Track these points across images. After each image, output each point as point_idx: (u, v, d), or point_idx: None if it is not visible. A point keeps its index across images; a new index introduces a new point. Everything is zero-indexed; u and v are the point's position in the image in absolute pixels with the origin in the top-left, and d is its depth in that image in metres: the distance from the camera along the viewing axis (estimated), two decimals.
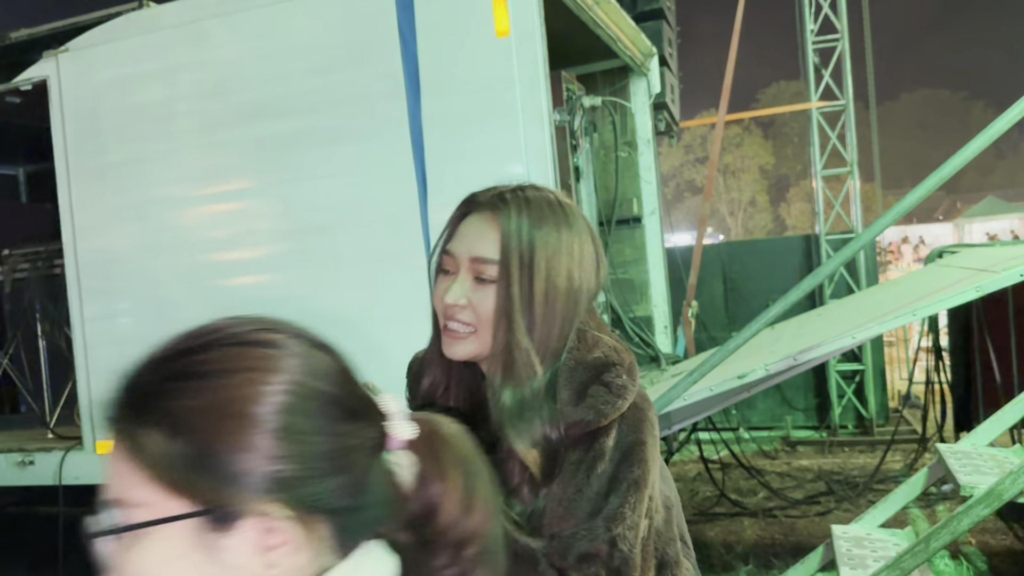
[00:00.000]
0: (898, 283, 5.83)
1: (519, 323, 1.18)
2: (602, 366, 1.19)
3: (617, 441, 1.16)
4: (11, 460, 4.81)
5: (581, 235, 1.23)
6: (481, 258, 1.21)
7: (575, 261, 1.21)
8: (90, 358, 4.52)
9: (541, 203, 1.22)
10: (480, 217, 1.23)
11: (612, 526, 1.14)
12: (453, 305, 1.21)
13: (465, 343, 1.22)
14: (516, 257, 1.18)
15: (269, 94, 4.16)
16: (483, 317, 1.20)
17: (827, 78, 8.56)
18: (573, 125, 5.04)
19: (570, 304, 1.21)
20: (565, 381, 1.18)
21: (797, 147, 40.27)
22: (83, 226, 4.54)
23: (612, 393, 1.16)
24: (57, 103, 4.53)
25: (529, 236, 1.19)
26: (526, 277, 1.18)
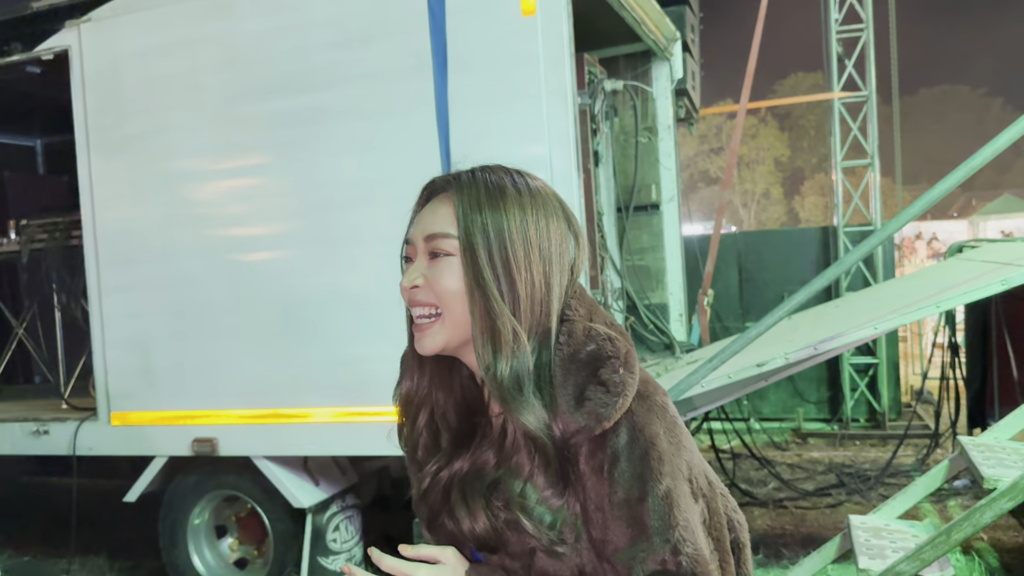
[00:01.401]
0: (918, 276, 5.79)
1: (494, 292, 1.13)
2: (596, 361, 1.12)
3: (630, 439, 1.10)
4: (26, 429, 4.83)
5: (548, 210, 1.19)
6: (433, 234, 1.16)
7: (543, 234, 1.16)
8: (107, 329, 4.53)
9: (501, 178, 1.19)
10: (436, 199, 1.20)
11: (669, 535, 1.08)
12: (410, 287, 1.17)
13: (433, 332, 1.17)
14: (478, 227, 1.14)
15: (290, 69, 4.14)
16: (442, 294, 1.16)
17: (850, 68, 8.48)
18: (594, 109, 5.01)
19: (543, 276, 1.16)
20: (560, 383, 1.13)
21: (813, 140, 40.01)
22: (102, 198, 4.54)
23: (611, 393, 1.10)
24: (78, 73, 4.52)
25: (490, 207, 1.15)
26: (494, 245, 1.13)
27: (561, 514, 1.12)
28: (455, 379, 1.26)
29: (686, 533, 1.09)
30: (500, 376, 1.12)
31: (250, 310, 4.23)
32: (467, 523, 1.16)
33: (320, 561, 4.27)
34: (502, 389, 1.12)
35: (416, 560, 1.14)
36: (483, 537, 1.16)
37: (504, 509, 1.14)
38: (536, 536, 1.12)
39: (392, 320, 4.20)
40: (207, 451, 4.29)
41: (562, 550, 1.12)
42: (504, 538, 1.15)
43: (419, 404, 1.27)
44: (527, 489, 1.13)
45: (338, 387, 4.08)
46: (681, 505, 1.10)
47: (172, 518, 4.60)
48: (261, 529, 4.53)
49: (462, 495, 1.17)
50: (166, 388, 4.42)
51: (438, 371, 1.25)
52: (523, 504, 1.12)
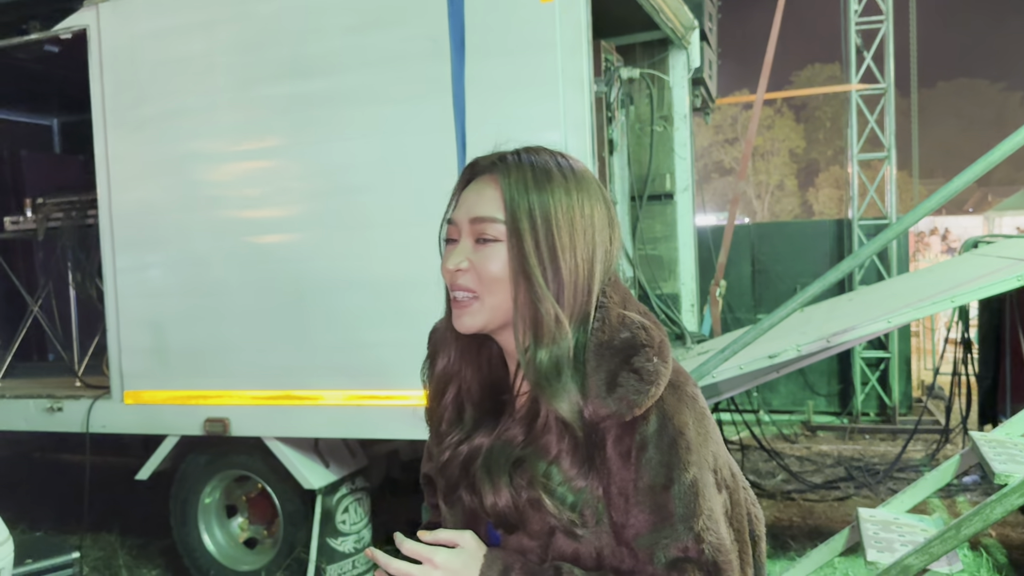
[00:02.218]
0: (932, 271, 5.76)
1: (539, 279, 1.13)
2: (630, 348, 1.12)
3: (659, 428, 1.10)
4: (40, 406, 4.87)
5: (592, 195, 1.18)
6: (480, 217, 1.16)
7: (587, 219, 1.16)
8: (121, 309, 4.55)
9: (547, 161, 1.18)
10: (481, 180, 1.19)
11: (693, 523, 1.09)
12: (455, 270, 1.17)
13: (472, 313, 1.17)
14: (524, 213, 1.14)
15: (307, 52, 4.14)
16: (485, 279, 1.15)
17: (868, 60, 8.41)
18: (610, 96, 4.99)
19: (587, 263, 1.16)
20: (593, 368, 1.13)
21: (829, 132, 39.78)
22: (118, 177, 4.55)
23: (643, 381, 1.10)
24: (96, 53, 4.53)
25: (537, 192, 1.14)
26: (541, 232, 1.13)
27: (583, 496, 1.13)
28: (483, 356, 1.27)
29: (709, 523, 1.10)
30: (539, 362, 1.13)
31: (263, 292, 4.25)
32: (490, 498, 1.17)
33: (329, 542, 4.30)
34: (539, 375, 1.13)
35: (435, 544, 1.15)
36: (504, 514, 1.16)
37: (527, 487, 1.14)
38: (557, 516, 1.12)
39: (404, 305, 4.23)
40: (219, 431, 4.32)
41: (581, 532, 1.13)
42: (525, 516, 1.15)
43: (449, 379, 1.28)
44: (552, 470, 1.13)
45: (349, 370, 4.10)
46: (706, 495, 1.11)
47: (183, 497, 4.64)
48: (271, 509, 4.56)
49: (487, 470, 1.18)
50: (179, 368, 4.44)
51: (468, 347, 1.26)
52: (546, 484, 1.12)
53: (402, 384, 3.99)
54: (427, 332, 1.38)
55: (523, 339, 1.15)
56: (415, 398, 3.96)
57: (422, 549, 1.14)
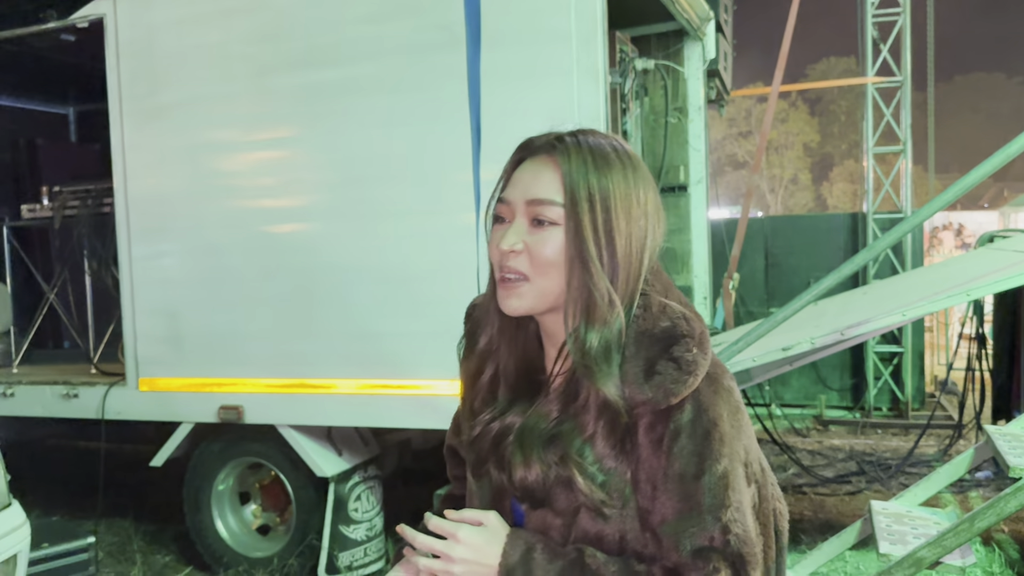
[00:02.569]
0: (947, 265, 5.72)
1: (595, 263, 1.12)
2: (671, 338, 1.12)
3: (694, 418, 1.10)
4: (57, 392, 4.92)
5: (647, 181, 1.18)
6: (538, 199, 1.15)
7: (642, 206, 1.16)
8: (136, 296, 4.58)
9: (604, 145, 1.17)
10: (536, 161, 1.18)
11: (720, 514, 1.10)
12: (508, 251, 1.16)
13: (521, 295, 1.16)
14: (584, 197, 1.13)
15: (322, 41, 4.15)
16: (539, 262, 1.15)
17: (885, 52, 8.35)
18: (624, 88, 4.98)
19: (639, 248, 1.15)
20: (632, 354, 1.13)
21: (844, 125, 39.48)
22: (134, 166, 4.58)
23: (682, 370, 1.10)
24: (113, 42, 4.55)
25: (597, 176, 1.14)
26: (599, 216, 1.13)
27: (613, 477, 1.13)
28: (521, 336, 1.27)
29: (738, 514, 1.11)
30: (589, 346, 1.13)
31: (277, 281, 4.27)
32: (520, 472, 1.17)
33: (341, 529, 4.32)
34: (588, 358, 1.13)
35: (460, 521, 1.17)
36: (532, 488, 1.17)
37: (558, 464, 1.15)
38: (587, 495, 1.13)
39: (417, 296, 4.23)
40: (233, 418, 4.35)
41: (609, 512, 1.13)
42: (552, 493, 1.16)
43: (487, 358, 1.28)
44: (586, 449, 1.14)
45: (362, 360, 4.12)
46: (736, 487, 1.11)
47: (197, 483, 4.67)
48: (284, 497, 4.59)
49: (519, 444, 1.18)
50: (194, 355, 4.47)
51: (508, 327, 1.26)
52: (580, 463, 1.13)
53: (414, 374, 4.00)
54: (439, 322, 1.40)
55: (573, 322, 1.15)
56: (427, 388, 3.98)
57: (447, 525, 1.16)
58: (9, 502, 3.28)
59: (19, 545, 3.19)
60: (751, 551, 1.11)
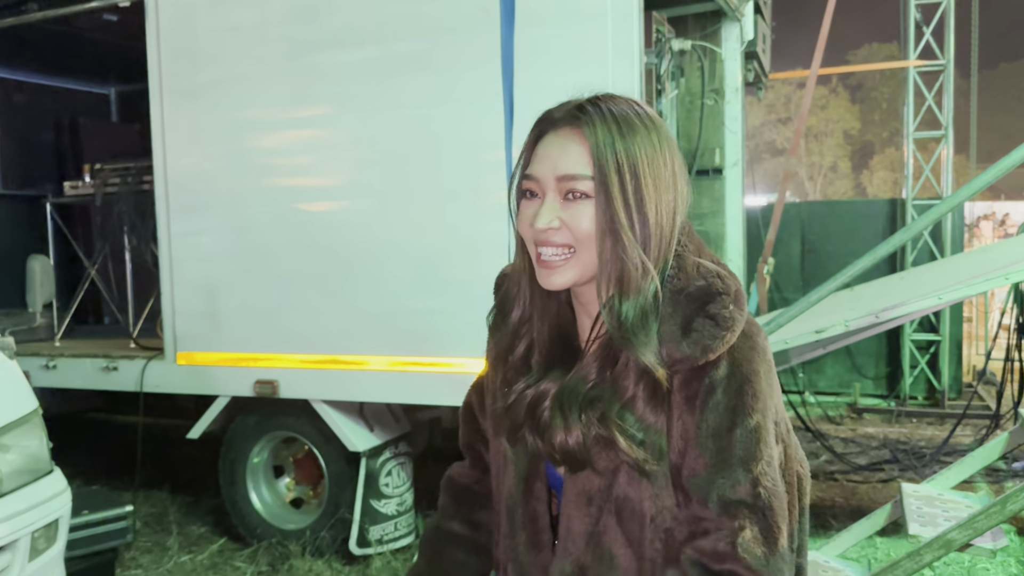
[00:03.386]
0: (987, 250, 5.63)
1: (627, 233, 1.12)
2: (706, 296, 1.13)
3: (729, 373, 1.11)
4: (97, 365, 5.03)
5: (671, 143, 1.18)
6: (569, 175, 1.14)
7: (670, 168, 1.16)
8: (175, 272, 4.66)
9: (626, 111, 1.16)
10: (559, 134, 1.17)
11: (751, 467, 1.11)
12: (546, 229, 1.15)
13: (564, 271, 1.16)
14: (612, 168, 1.12)
15: (358, 21, 4.17)
16: (580, 236, 1.14)
17: (928, 36, 8.20)
18: (660, 69, 4.95)
19: (670, 211, 1.16)
20: (668, 314, 1.13)
21: (885, 113, 38.79)
22: (173, 144, 4.65)
23: (719, 327, 1.11)
24: (153, 21, 4.61)
25: (624, 144, 1.13)
26: (629, 186, 1.12)
27: (651, 435, 1.15)
28: (554, 306, 1.27)
29: (768, 468, 1.12)
30: (624, 316, 1.13)
31: (312, 258, 4.32)
32: (560, 436, 1.18)
33: (372, 504, 4.38)
34: (624, 328, 1.13)
35: None
36: (572, 451, 1.18)
37: (598, 424, 1.16)
38: (628, 454, 1.14)
39: (449, 275, 4.26)
40: (268, 393, 4.42)
41: (649, 468, 1.14)
42: (592, 454, 1.17)
43: (522, 329, 1.28)
44: (626, 412, 1.15)
45: (394, 337, 4.16)
46: (767, 442, 1.13)
47: (232, 456, 4.76)
48: (317, 471, 4.66)
49: (558, 408, 1.19)
50: (230, 330, 4.55)
51: (542, 298, 1.26)
52: (620, 424, 1.14)
53: (446, 352, 4.04)
54: (471, 300, 1.41)
55: (607, 293, 1.16)
56: (458, 366, 4.01)
57: None
58: (51, 469, 3.37)
59: (60, 510, 3.28)
60: (780, 505, 1.12)
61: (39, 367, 5.14)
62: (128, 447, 5.53)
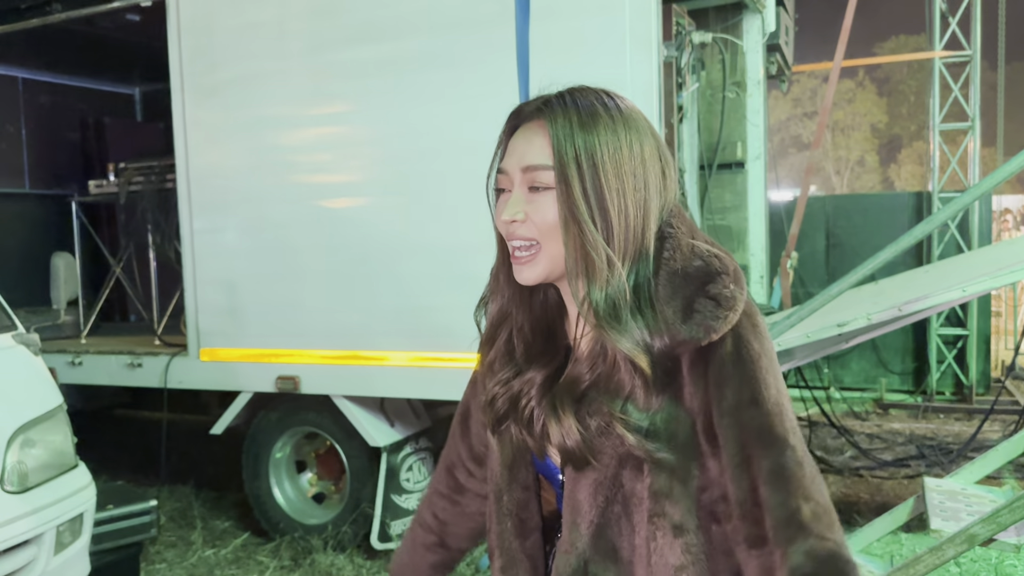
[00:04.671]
0: (1013, 243, 5.54)
1: (589, 224, 1.13)
2: (706, 276, 1.13)
3: (735, 349, 1.11)
4: (122, 362, 5.09)
5: (640, 132, 1.17)
6: (531, 165, 1.16)
7: (638, 159, 1.15)
8: (198, 269, 4.71)
9: (592, 102, 1.16)
10: (528, 127, 1.18)
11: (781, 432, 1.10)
12: (511, 221, 1.16)
13: (533, 266, 1.17)
14: (571, 157, 1.13)
15: (376, 16, 4.18)
16: (543, 228, 1.15)
17: (954, 26, 8.08)
18: (680, 62, 4.91)
19: (641, 205, 1.15)
20: (667, 296, 1.13)
21: (913, 106, 38.30)
22: (195, 142, 4.69)
23: (721, 307, 1.10)
24: (175, 20, 4.65)
25: (583, 135, 1.13)
26: (588, 176, 1.13)
27: (659, 421, 1.14)
28: (536, 299, 1.28)
29: (794, 438, 1.11)
30: (596, 305, 1.13)
31: (332, 255, 4.34)
32: (558, 437, 1.18)
33: (393, 498, 4.39)
34: (598, 317, 1.13)
35: None
36: (573, 451, 1.17)
37: (594, 417, 1.16)
38: (639, 447, 1.13)
39: (468, 270, 4.24)
40: (290, 388, 4.45)
41: (662, 456, 1.13)
42: (593, 451, 1.16)
43: (502, 321, 1.30)
44: (628, 407, 1.14)
45: (413, 333, 4.17)
46: (788, 408, 1.13)
47: (255, 452, 4.80)
48: (339, 466, 4.68)
49: (553, 409, 1.19)
50: (252, 326, 4.58)
51: (521, 291, 1.27)
52: (625, 420, 1.13)
53: (466, 347, 4.02)
54: None
55: (577, 284, 1.16)
56: (476, 361, 4.01)
57: None
58: (76, 463, 3.41)
59: (85, 504, 3.32)
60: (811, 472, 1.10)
61: (65, 363, 5.21)
62: (153, 443, 5.59)
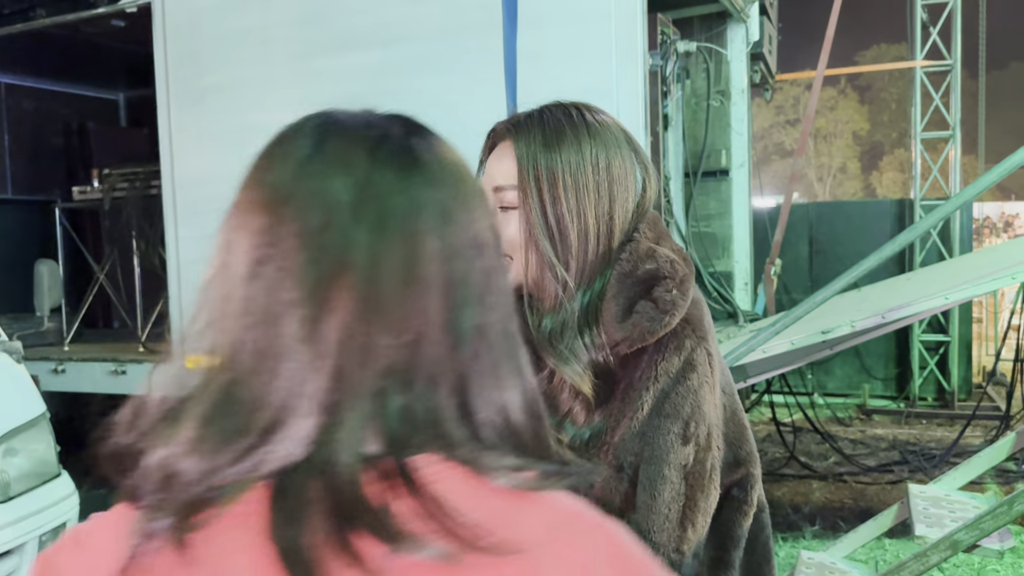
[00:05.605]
0: (995, 250, 5.60)
1: (546, 247, 1.15)
2: (652, 279, 1.14)
3: (667, 359, 1.12)
4: (106, 369, 5.05)
5: (609, 146, 1.18)
6: (499, 186, 1.19)
7: (603, 175, 1.16)
8: (183, 276, 4.68)
9: (559, 119, 1.18)
10: (501, 146, 1.21)
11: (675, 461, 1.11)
12: None
13: None
14: (532, 180, 1.15)
15: (362, 23, 4.19)
16: (512, 245, 1.18)
17: (935, 35, 8.17)
18: (665, 71, 4.94)
19: (604, 221, 1.17)
20: (613, 295, 1.15)
21: (894, 114, 38.65)
22: (180, 148, 4.67)
23: (659, 310, 1.12)
24: (160, 26, 4.64)
25: (545, 156, 1.15)
26: (548, 199, 1.15)
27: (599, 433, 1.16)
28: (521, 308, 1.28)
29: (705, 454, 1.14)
30: (544, 329, 1.17)
31: None
32: None
33: None
34: (543, 341, 1.16)
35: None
36: None
37: None
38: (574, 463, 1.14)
39: None
40: None
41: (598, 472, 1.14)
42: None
43: None
44: (565, 424, 1.16)
45: None
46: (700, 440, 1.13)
47: None
48: None
49: None
50: None
51: None
52: (560, 439, 1.15)
53: None
54: None
55: (531, 302, 1.19)
56: None
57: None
58: (59, 472, 3.39)
59: (68, 514, 3.30)
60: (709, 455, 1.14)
61: (48, 371, 5.17)
62: None
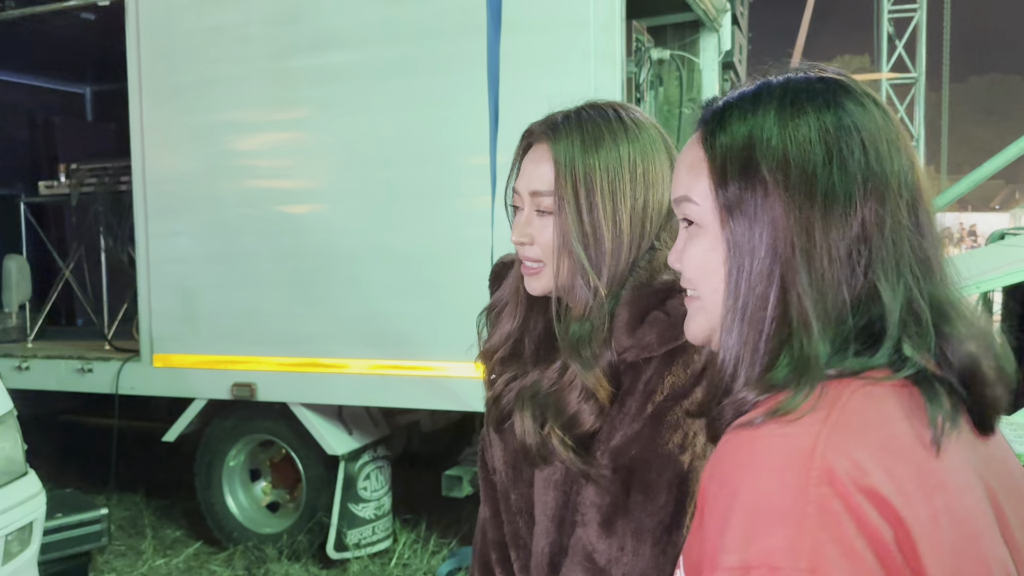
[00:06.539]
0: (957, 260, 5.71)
1: (580, 254, 1.16)
2: (668, 291, 1.14)
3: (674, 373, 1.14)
4: (71, 367, 4.98)
5: (646, 149, 1.18)
6: (537, 191, 1.20)
7: (639, 179, 1.17)
8: (152, 274, 4.63)
9: (597, 122, 1.18)
10: (537, 149, 1.21)
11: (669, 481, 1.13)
12: (518, 243, 1.22)
13: (538, 278, 1.21)
14: (570, 186, 1.16)
15: (340, 23, 4.18)
16: (547, 250, 1.19)
17: (900, 49, 8.35)
18: (639, 77, 4.99)
19: (637, 226, 1.18)
20: (626, 303, 1.16)
21: None
22: (152, 145, 4.62)
23: (671, 324, 1.12)
24: (133, 21, 4.58)
25: (583, 161, 1.15)
26: (584, 205, 1.16)
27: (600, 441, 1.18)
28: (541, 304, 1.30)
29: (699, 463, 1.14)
30: (572, 333, 1.18)
31: (290, 261, 4.31)
32: (519, 433, 1.22)
33: (350, 507, 4.37)
34: (570, 346, 1.18)
35: None
36: (530, 448, 1.21)
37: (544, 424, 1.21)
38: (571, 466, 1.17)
39: (427, 278, 4.26)
40: (246, 395, 4.40)
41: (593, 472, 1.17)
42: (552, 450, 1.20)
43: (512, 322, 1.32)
44: (568, 426, 1.18)
45: (373, 340, 4.16)
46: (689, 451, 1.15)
47: (208, 459, 4.73)
48: (294, 474, 4.64)
49: (519, 408, 1.23)
50: (208, 333, 4.52)
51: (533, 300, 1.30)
52: (562, 438, 1.17)
53: (426, 355, 4.04)
54: (452, 304, 1.45)
55: (560, 310, 1.21)
56: (439, 369, 4.02)
57: None
58: (26, 471, 3.34)
59: (35, 513, 3.25)
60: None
61: (11, 368, 5.08)
62: (102, 450, 5.47)
